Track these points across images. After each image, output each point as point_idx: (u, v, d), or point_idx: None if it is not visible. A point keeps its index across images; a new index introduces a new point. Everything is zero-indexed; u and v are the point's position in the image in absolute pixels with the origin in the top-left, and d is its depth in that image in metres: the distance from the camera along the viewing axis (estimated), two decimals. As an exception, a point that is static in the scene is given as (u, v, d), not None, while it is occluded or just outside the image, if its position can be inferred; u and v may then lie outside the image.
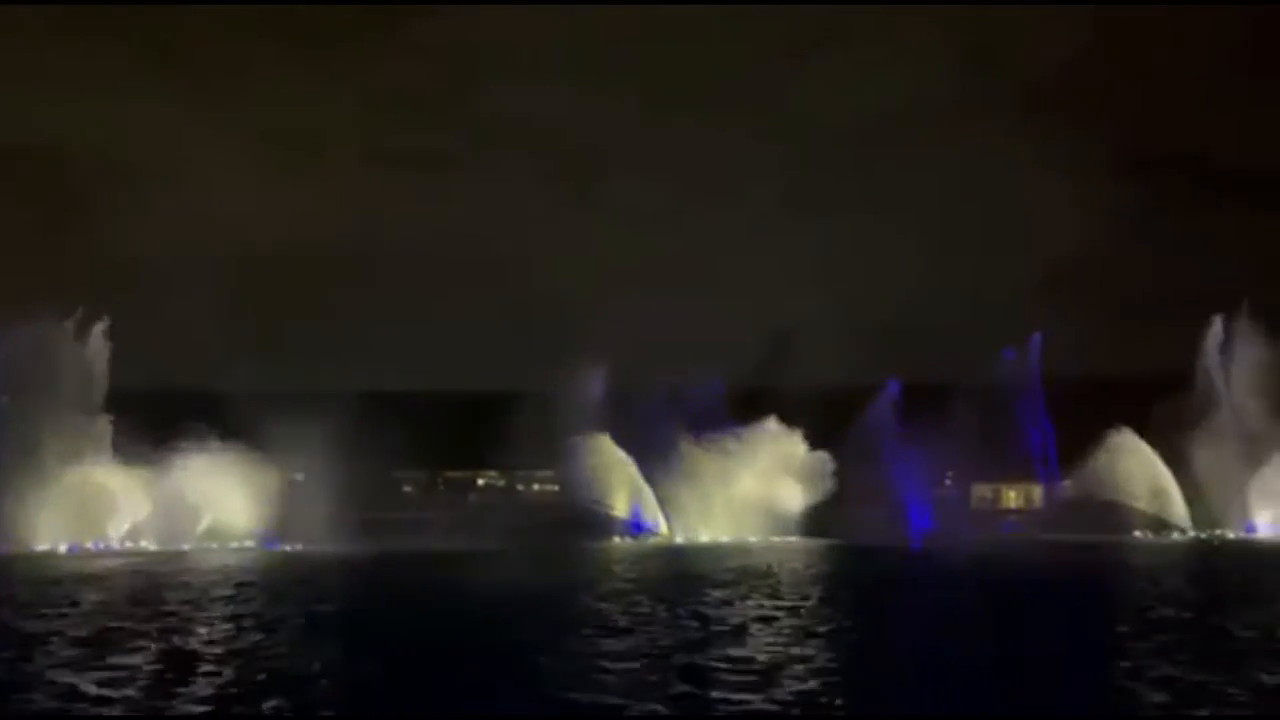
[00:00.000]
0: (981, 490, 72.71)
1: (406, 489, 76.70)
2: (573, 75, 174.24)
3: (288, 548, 49.29)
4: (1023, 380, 62.88)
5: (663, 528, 57.53)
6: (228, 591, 28.86)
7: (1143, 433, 56.60)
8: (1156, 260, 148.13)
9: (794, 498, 56.40)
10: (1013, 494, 72.34)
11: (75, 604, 25.43)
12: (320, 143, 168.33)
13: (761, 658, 17.15)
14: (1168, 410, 55.31)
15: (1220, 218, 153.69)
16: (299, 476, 63.80)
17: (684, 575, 33.67)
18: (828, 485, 55.53)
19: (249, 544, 49.36)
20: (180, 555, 44.12)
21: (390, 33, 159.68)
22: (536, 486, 74.46)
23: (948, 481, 72.77)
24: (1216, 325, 58.64)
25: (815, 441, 56.80)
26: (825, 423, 56.00)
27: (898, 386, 61.68)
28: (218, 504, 49.51)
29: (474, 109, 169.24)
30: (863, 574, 35.97)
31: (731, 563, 38.02)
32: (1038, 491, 69.42)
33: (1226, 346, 57.94)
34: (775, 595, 26.94)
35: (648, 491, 58.13)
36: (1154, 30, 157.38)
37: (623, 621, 21.80)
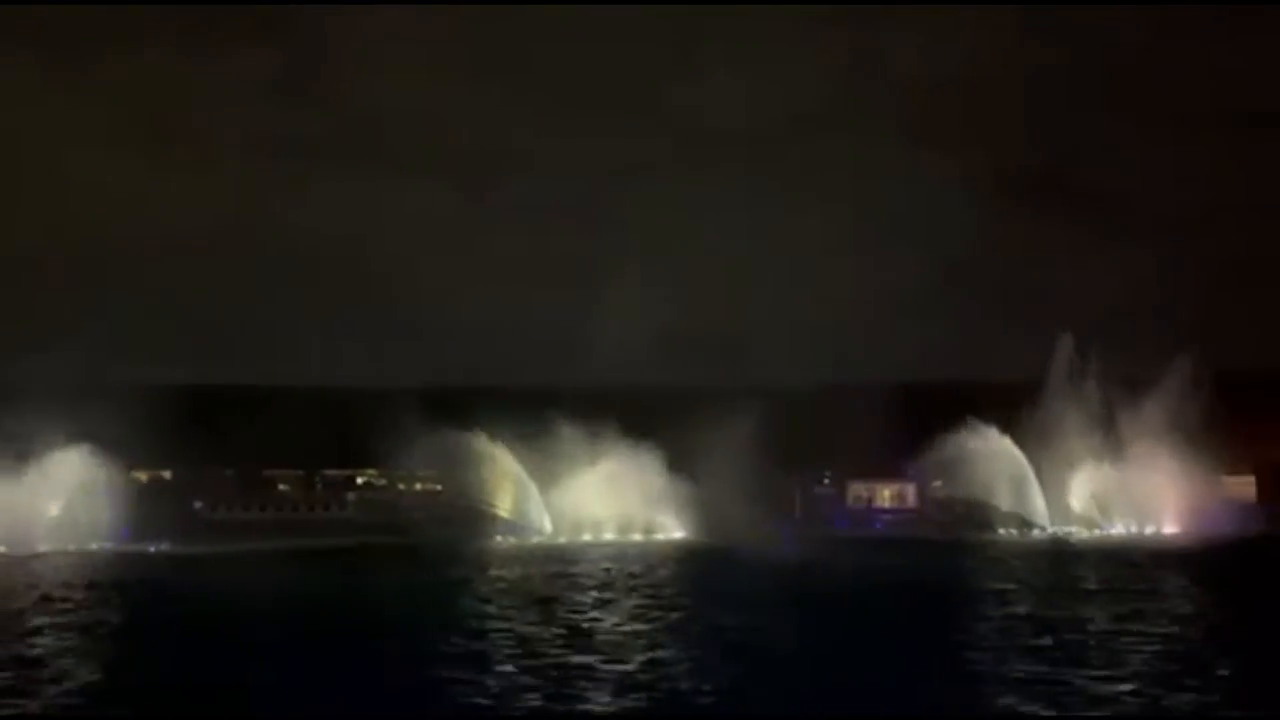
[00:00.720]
0: (857, 489, 74.81)
1: (282, 487, 74.51)
2: (464, 72, 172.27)
3: (151, 548, 47.16)
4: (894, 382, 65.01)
5: (546, 527, 57.31)
6: (69, 594, 27.53)
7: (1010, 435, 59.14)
8: (1025, 272, 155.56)
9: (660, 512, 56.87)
10: (887, 493, 74.60)
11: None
12: (195, 132, 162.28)
13: (624, 659, 17.25)
14: (1022, 414, 58.09)
15: (1079, 235, 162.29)
16: (166, 474, 61.32)
17: (557, 576, 33.63)
18: (687, 510, 55.84)
19: (107, 545, 47.01)
20: (33, 558, 41.78)
21: (270, 20, 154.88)
22: (419, 486, 73.18)
23: (825, 481, 74.78)
24: (1066, 340, 61.85)
25: (679, 445, 56.75)
26: (695, 422, 56.36)
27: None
28: (71, 504, 46.97)
29: (358, 100, 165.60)
30: (730, 575, 36.39)
31: (609, 564, 38.17)
32: (911, 490, 71.87)
33: (1078, 358, 61.09)
34: (646, 596, 27.18)
35: (534, 492, 57.83)
36: (1036, 54, 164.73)
37: (480, 623, 21.67)
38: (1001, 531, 57.45)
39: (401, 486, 74.60)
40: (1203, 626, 21.21)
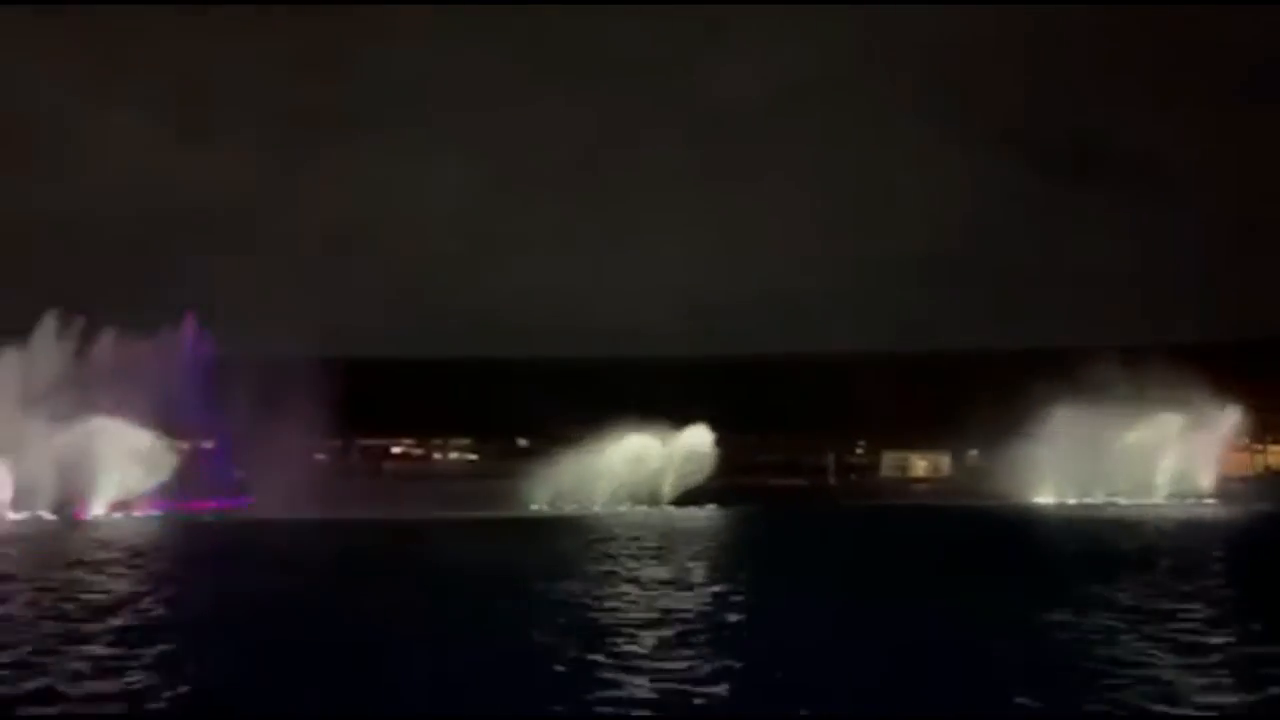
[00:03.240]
0: (891, 459, 74.81)
1: (319, 457, 75.03)
2: (485, 45, 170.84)
3: (210, 517, 47.52)
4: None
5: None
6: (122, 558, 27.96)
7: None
8: (1039, 237, 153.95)
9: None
10: (922, 463, 74.58)
11: None
12: (219, 103, 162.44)
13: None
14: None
15: (1095, 198, 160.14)
16: (207, 444, 61.89)
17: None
18: None
19: (153, 512, 47.56)
20: (79, 524, 42.35)
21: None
22: (454, 455, 73.60)
23: (859, 450, 74.67)
24: None
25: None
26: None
27: None
28: (117, 471, 47.47)
29: (374, 70, 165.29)
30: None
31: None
32: (946, 460, 71.59)
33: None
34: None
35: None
36: (1043, 19, 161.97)
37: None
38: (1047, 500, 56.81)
39: (437, 456, 75.02)
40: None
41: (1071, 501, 57.36)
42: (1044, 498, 58.04)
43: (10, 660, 14.17)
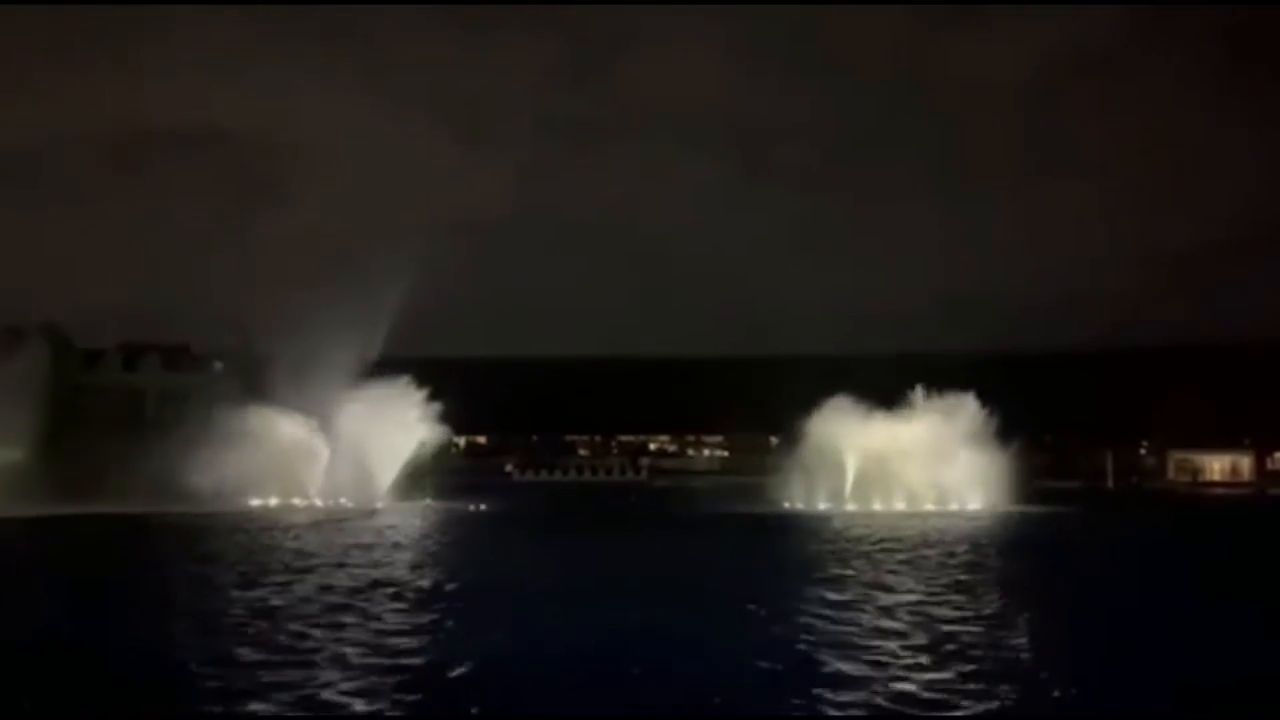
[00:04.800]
0: (1180, 460, 68.10)
1: (582, 452, 79.11)
2: (735, 49, 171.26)
3: (470, 507, 51.40)
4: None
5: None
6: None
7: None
8: None
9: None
10: (1217, 465, 67.41)
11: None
12: (488, 113, 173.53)
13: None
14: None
15: None
16: (481, 439, 66.76)
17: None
18: None
19: (427, 503, 51.97)
20: (375, 512, 46.99)
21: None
22: (707, 452, 74.99)
23: (1143, 451, 68.43)
24: None
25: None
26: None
27: None
28: (407, 464, 52.47)
29: (619, 81, 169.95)
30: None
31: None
32: (1246, 462, 64.27)
33: None
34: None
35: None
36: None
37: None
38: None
39: (690, 452, 76.83)
40: None
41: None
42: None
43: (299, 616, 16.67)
